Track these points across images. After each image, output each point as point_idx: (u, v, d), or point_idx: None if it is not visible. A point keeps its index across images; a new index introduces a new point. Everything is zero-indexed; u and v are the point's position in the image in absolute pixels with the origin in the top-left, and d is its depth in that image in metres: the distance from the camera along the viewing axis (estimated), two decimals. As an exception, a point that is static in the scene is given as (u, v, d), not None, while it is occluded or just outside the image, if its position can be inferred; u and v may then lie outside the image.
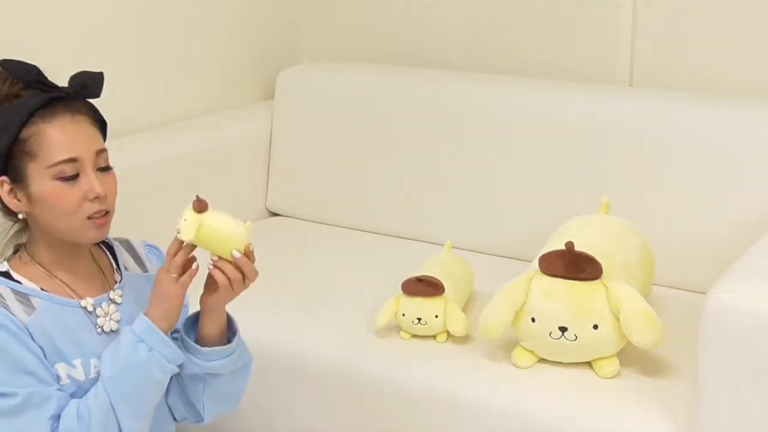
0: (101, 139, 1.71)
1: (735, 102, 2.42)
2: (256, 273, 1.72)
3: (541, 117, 2.52)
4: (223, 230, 1.68)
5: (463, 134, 2.61)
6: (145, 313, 1.68)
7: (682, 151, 2.36)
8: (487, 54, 2.83)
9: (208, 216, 1.66)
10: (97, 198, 1.66)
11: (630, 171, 2.41)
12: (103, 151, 1.70)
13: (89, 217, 1.66)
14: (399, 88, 2.74)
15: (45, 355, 1.66)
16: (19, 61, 1.70)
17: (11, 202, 1.69)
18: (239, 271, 1.70)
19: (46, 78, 1.70)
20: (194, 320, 1.78)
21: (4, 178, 1.68)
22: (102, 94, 1.74)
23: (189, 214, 1.66)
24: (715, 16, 2.54)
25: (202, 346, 1.75)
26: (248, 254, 1.70)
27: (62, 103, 1.68)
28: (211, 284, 1.72)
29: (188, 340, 1.75)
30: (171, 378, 1.80)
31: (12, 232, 1.76)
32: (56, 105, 1.67)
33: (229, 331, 1.80)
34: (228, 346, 1.76)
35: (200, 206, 1.66)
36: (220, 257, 1.69)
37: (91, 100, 1.73)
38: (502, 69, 2.77)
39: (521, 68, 2.76)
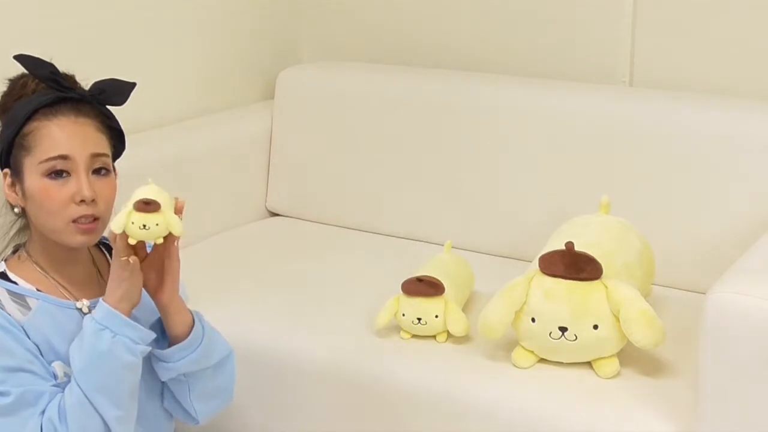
0: (104, 144, 1.70)
1: (735, 102, 2.42)
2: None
3: (541, 117, 2.52)
4: (169, 202, 1.65)
5: (464, 134, 2.61)
6: (103, 299, 1.66)
7: (682, 151, 2.36)
8: (487, 54, 2.83)
9: (164, 203, 1.63)
10: (83, 202, 1.65)
11: (630, 171, 2.41)
12: (102, 155, 1.69)
13: (75, 221, 1.66)
14: (399, 88, 2.74)
15: (41, 353, 1.65)
16: (36, 57, 1.71)
17: (10, 195, 1.70)
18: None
19: (60, 76, 1.70)
20: (160, 330, 1.77)
21: (6, 170, 1.69)
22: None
23: (154, 218, 1.62)
24: (715, 16, 2.54)
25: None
26: (180, 208, 1.68)
27: (70, 103, 1.68)
28: (158, 280, 1.71)
29: (154, 350, 1.73)
30: (163, 383, 1.79)
31: (13, 231, 1.77)
32: (63, 104, 1.67)
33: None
34: (188, 339, 1.73)
35: (155, 206, 1.62)
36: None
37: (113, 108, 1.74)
38: (502, 69, 2.77)
39: (521, 68, 2.76)
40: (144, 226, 1.61)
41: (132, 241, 1.62)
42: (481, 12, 2.83)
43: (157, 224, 1.62)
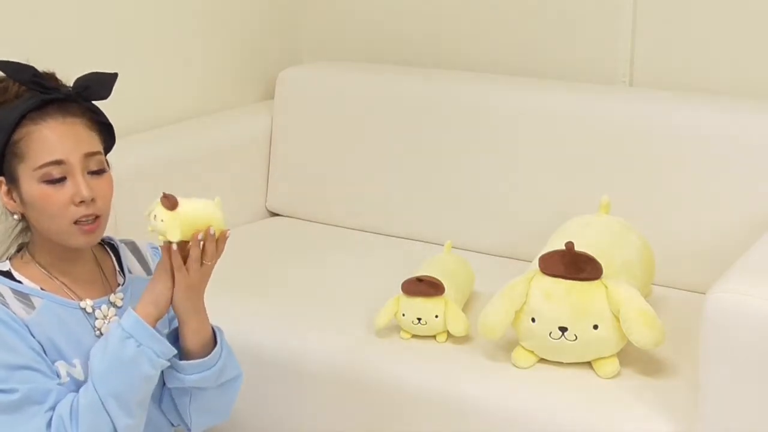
0: (96, 141, 1.69)
1: (735, 102, 2.42)
2: (216, 253, 1.70)
3: (541, 117, 2.52)
4: (202, 218, 1.66)
5: (463, 134, 2.61)
6: (133, 307, 1.66)
7: (682, 151, 2.36)
8: (487, 54, 2.83)
9: (183, 209, 1.64)
10: (83, 202, 1.64)
11: (630, 171, 2.41)
12: (96, 154, 1.68)
13: (76, 222, 1.65)
14: (399, 88, 2.74)
15: (45, 352, 1.66)
16: (15, 62, 1.69)
17: (8, 203, 1.69)
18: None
19: (43, 79, 1.68)
20: (176, 336, 1.77)
21: (1, 178, 1.68)
22: None
23: (163, 213, 1.63)
24: (715, 16, 2.54)
25: (186, 359, 1.74)
26: (222, 236, 1.69)
27: (56, 104, 1.67)
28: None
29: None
30: (163, 386, 1.79)
31: (16, 231, 1.77)
32: (49, 107, 1.66)
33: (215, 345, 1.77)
34: (206, 359, 1.73)
35: (170, 203, 1.63)
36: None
37: (98, 102, 1.73)
38: (502, 69, 2.77)
39: (521, 68, 2.76)
40: (154, 216, 1.64)
41: (150, 230, 1.65)
42: (481, 12, 2.83)
43: (162, 220, 1.63)
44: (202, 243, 1.67)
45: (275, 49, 3.08)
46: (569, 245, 1.97)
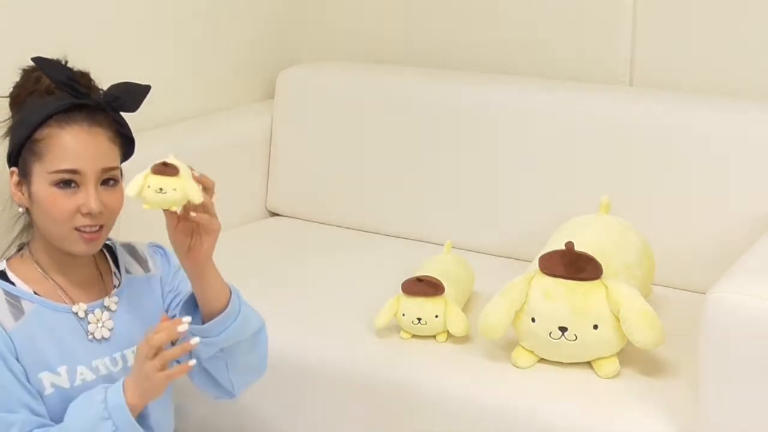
0: (116, 156, 1.69)
1: (735, 102, 2.42)
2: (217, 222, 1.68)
3: (541, 117, 2.52)
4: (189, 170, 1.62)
5: (463, 134, 2.61)
6: (125, 386, 1.63)
7: (682, 151, 2.36)
8: (487, 54, 2.82)
9: (183, 168, 1.61)
10: (89, 213, 1.64)
11: (630, 171, 2.41)
12: (112, 169, 1.68)
13: (78, 229, 1.65)
14: (399, 88, 2.74)
15: (26, 371, 1.63)
16: (53, 61, 1.70)
17: (16, 194, 1.69)
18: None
19: (76, 82, 1.68)
20: (194, 305, 1.74)
21: (14, 169, 1.69)
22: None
23: (171, 182, 1.59)
24: (715, 16, 2.54)
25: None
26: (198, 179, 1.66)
27: (85, 111, 1.67)
28: (188, 244, 1.67)
29: (193, 327, 1.69)
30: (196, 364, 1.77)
31: (17, 228, 1.77)
32: (77, 112, 1.66)
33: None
34: (226, 311, 1.70)
35: (173, 169, 1.59)
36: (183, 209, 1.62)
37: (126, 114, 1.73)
38: (502, 69, 2.77)
39: (521, 68, 2.76)
40: (161, 189, 1.58)
41: (146, 207, 1.59)
42: (481, 12, 2.83)
43: (174, 189, 1.58)
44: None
45: (275, 49, 3.08)
46: (569, 245, 1.97)
